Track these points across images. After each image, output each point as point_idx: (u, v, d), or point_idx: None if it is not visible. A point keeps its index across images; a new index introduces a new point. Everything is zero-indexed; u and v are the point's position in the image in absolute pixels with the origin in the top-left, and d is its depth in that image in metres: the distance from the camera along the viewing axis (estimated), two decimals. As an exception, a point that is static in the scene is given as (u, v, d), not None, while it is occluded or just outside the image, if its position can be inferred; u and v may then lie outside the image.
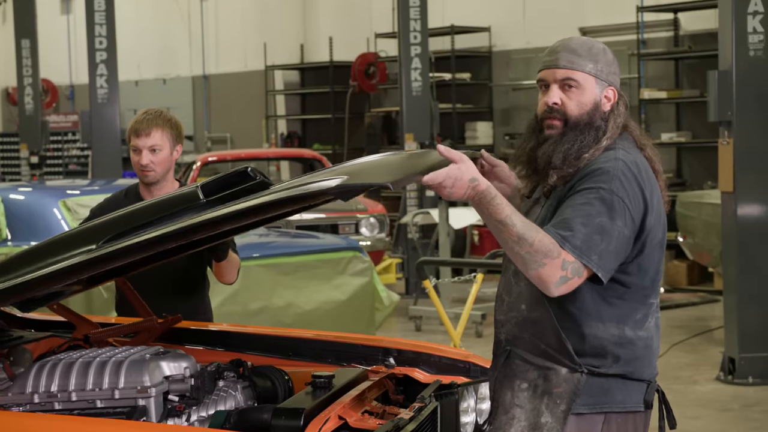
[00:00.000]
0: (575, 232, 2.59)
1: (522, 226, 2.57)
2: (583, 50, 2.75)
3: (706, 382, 7.41)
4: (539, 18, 13.61)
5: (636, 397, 2.72)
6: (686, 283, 11.55)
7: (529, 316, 2.74)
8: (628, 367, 2.70)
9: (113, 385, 2.88)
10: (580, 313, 2.68)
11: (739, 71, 7.28)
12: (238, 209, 2.55)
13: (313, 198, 2.49)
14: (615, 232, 2.61)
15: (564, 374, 2.69)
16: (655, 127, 12.28)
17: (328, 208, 10.61)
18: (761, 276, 7.38)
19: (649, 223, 2.68)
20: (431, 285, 7.05)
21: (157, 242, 2.61)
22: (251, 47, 17.27)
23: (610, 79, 2.77)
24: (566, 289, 2.59)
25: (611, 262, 2.61)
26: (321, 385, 2.94)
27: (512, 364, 2.77)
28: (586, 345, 2.68)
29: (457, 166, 2.58)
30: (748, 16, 7.27)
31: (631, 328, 2.71)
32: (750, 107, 7.31)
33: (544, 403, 2.70)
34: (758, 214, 7.38)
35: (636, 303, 2.72)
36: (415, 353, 3.37)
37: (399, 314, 9.81)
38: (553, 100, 2.76)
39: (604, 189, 2.63)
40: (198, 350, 3.51)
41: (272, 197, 2.53)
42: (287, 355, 3.48)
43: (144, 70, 18.90)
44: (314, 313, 6.85)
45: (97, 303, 6.05)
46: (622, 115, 2.78)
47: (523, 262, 2.57)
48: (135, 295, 3.61)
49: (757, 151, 7.34)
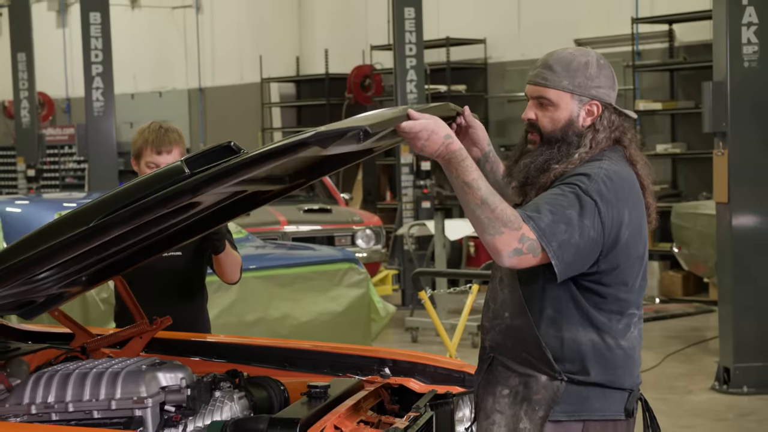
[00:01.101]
0: (542, 215, 2.60)
1: (487, 191, 2.58)
2: (559, 66, 2.73)
3: (701, 392, 7.42)
4: (534, 30, 13.66)
5: (616, 406, 2.73)
6: (681, 294, 11.56)
7: (511, 324, 2.76)
8: (608, 376, 2.71)
9: (110, 395, 2.89)
10: (561, 318, 2.69)
11: (733, 82, 7.30)
12: (220, 169, 2.51)
13: (293, 150, 2.45)
14: (581, 229, 2.59)
15: (543, 381, 2.71)
16: (650, 139, 12.31)
17: (325, 220, 10.63)
18: (756, 286, 7.40)
19: (623, 235, 2.67)
20: (427, 296, 7.07)
21: (144, 210, 2.58)
22: (247, 60, 17.31)
23: (592, 93, 2.74)
24: (517, 263, 2.58)
25: (569, 256, 2.59)
26: (317, 395, 2.94)
27: (495, 370, 2.80)
28: (565, 350, 2.69)
29: (434, 120, 2.60)
30: (742, 28, 7.30)
31: (612, 337, 2.71)
32: (745, 118, 7.33)
33: (523, 410, 2.72)
34: (753, 225, 7.40)
35: (616, 314, 2.72)
36: (411, 363, 3.38)
37: (395, 325, 9.81)
38: (528, 116, 2.79)
39: (580, 187, 2.64)
40: (194, 361, 3.52)
41: (253, 154, 2.51)
42: (283, 366, 3.48)
43: (140, 83, 18.93)
44: (311, 325, 6.86)
45: (94, 315, 6.06)
46: (608, 129, 2.75)
47: (482, 226, 2.57)
48: (131, 296, 3.61)
49: (751, 162, 7.36)
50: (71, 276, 3.16)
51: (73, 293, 3.42)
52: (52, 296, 3.34)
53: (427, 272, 9.35)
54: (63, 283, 3.18)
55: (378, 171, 15.29)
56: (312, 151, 2.54)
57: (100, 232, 2.61)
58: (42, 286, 3.12)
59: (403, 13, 11.79)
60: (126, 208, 2.59)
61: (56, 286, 3.20)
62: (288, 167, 2.98)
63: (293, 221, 10.33)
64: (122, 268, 3.40)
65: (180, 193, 2.55)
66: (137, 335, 3.53)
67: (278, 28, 17.18)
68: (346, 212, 11.14)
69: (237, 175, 2.54)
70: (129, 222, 2.61)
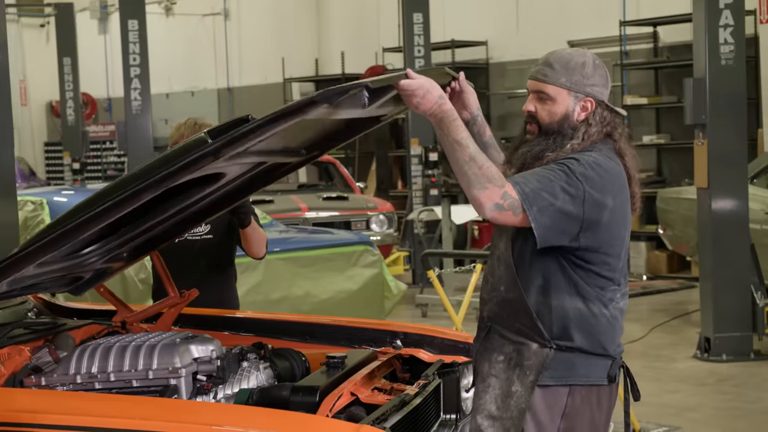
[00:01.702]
0: (528, 182, 2.60)
1: (475, 150, 2.59)
2: (559, 64, 2.73)
3: (684, 360, 7.40)
4: (532, 32, 13.59)
5: (599, 372, 2.72)
6: (666, 271, 11.53)
7: (506, 297, 2.76)
8: (591, 341, 2.70)
9: (147, 366, 2.90)
10: (550, 287, 2.69)
11: (712, 78, 7.26)
12: (237, 133, 2.50)
13: (303, 109, 2.43)
14: (562, 201, 2.59)
15: (534, 349, 2.70)
16: (637, 131, 12.25)
17: (342, 207, 10.62)
18: (734, 264, 7.37)
19: (604, 217, 2.65)
20: (435, 275, 7.06)
21: (170, 177, 2.56)
22: (271, 62, 17.29)
23: (587, 91, 2.73)
24: (498, 217, 2.58)
25: (547, 220, 2.59)
26: (335, 365, 2.95)
27: (491, 338, 2.80)
28: (553, 316, 2.68)
29: (430, 81, 2.60)
30: (719, 29, 7.25)
31: (596, 306, 2.70)
32: (722, 111, 7.29)
33: (515, 374, 2.72)
34: (731, 208, 7.36)
35: (599, 288, 2.71)
36: (420, 335, 3.38)
37: (407, 302, 9.81)
38: (528, 109, 2.78)
39: (568, 167, 2.65)
40: (224, 335, 3.53)
41: (267, 116, 2.49)
42: (304, 339, 3.49)
43: (174, 84, 18.93)
44: (329, 302, 6.87)
45: (133, 294, 6.08)
46: (600, 124, 2.74)
47: (468, 181, 2.57)
48: (166, 271, 3.59)
49: (729, 151, 7.32)
50: (113, 251, 3.16)
51: (116, 269, 3.42)
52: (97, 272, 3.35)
53: (435, 253, 9.33)
54: (106, 257, 3.18)
55: (390, 162, 15.27)
56: (321, 113, 2.52)
57: (135, 195, 2.60)
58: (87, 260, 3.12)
59: (412, 17, 11.74)
60: (154, 177, 2.57)
61: (100, 261, 3.19)
62: (303, 139, 2.96)
63: (313, 208, 10.33)
64: (159, 243, 3.40)
65: (203, 156, 2.53)
66: (169, 307, 3.53)
67: (299, 32, 17.14)
68: (362, 199, 11.13)
69: (254, 136, 2.50)
70: (159, 185, 2.58)
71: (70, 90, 15.08)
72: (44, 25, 20.55)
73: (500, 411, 2.71)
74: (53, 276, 3.13)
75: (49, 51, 18.35)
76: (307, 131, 2.89)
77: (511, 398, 2.71)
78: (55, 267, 3.03)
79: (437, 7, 13.19)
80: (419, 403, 2.85)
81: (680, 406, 6.18)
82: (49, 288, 3.33)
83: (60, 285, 3.33)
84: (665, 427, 5.67)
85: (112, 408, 2.62)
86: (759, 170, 8.53)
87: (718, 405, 6.25)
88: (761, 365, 7.14)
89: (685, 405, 6.21)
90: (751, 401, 6.31)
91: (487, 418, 2.73)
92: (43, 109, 20.95)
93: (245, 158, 2.80)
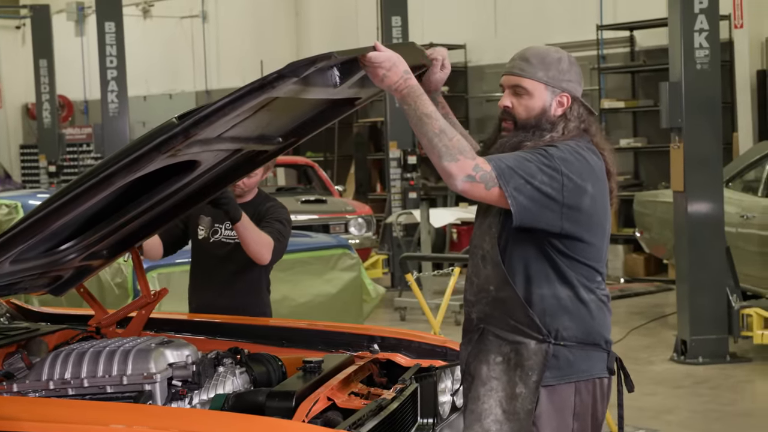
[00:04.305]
0: (504, 161, 2.59)
1: (444, 123, 2.58)
2: (536, 59, 2.72)
3: (661, 363, 7.43)
4: (510, 36, 13.61)
5: (599, 366, 2.72)
6: (644, 274, 11.57)
7: (497, 296, 2.73)
8: (586, 329, 2.69)
9: (122, 372, 2.87)
10: (540, 276, 2.68)
11: (687, 82, 7.30)
12: (205, 111, 2.46)
13: (271, 83, 2.40)
14: (540, 182, 2.58)
15: (533, 347, 2.68)
16: (614, 134, 12.30)
17: (321, 210, 10.59)
18: (710, 267, 7.40)
19: (584, 203, 2.64)
20: (413, 278, 7.05)
21: (140, 160, 2.52)
22: (249, 64, 17.24)
23: (564, 86, 2.72)
24: (469, 188, 2.56)
25: (525, 200, 2.57)
26: (311, 369, 2.94)
27: (486, 340, 2.76)
28: (546, 305, 2.67)
29: (397, 56, 2.58)
30: (694, 34, 7.29)
31: (585, 292, 2.70)
32: (698, 114, 7.33)
33: (517, 375, 2.69)
34: (706, 211, 7.40)
35: (586, 278, 2.71)
36: (397, 340, 3.38)
37: (385, 306, 9.79)
38: (504, 104, 2.77)
39: (547, 151, 2.64)
40: (200, 339, 3.50)
41: (234, 93, 2.46)
42: (280, 343, 3.47)
43: (151, 86, 18.84)
44: (308, 305, 6.84)
45: (109, 298, 6.03)
46: (578, 120, 2.73)
47: (438, 153, 2.55)
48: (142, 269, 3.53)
49: (704, 154, 7.35)
50: (91, 247, 3.12)
51: (96, 267, 3.38)
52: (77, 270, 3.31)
53: (414, 257, 9.33)
54: (85, 254, 3.14)
55: (369, 165, 15.26)
56: (291, 90, 2.49)
57: (106, 180, 2.56)
58: (65, 257, 3.08)
59: (391, 21, 11.74)
60: (127, 157, 2.54)
61: (79, 258, 3.15)
62: (279, 125, 2.94)
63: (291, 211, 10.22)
64: (138, 239, 3.37)
65: (172, 137, 2.50)
66: (141, 308, 3.49)
67: (277, 34, 17.11)
68: (340, 203, 11.11)
69: (223, 114, 2.46)
70: (130, 169, 2.55)
71: (46, 92, 14.97)
72: (20, 27, 20.39)
73: (507, 414, 2.69)
74: (32, 274, 3.09)
75: (25, 53, 18.22)
76: (282, 116, 2.87)
77: (516, 400, 2.69)
78: (33, 264, 2.99)
79: (416, 10, 13.20)
80: (396, 408, 2.84)
81: (657, 408, 6.20)
82: (29, 288, 3.30)
83: (40, 285, 3.30)
84: (642, 429, 5.69)
85: (86, 414, 2.59)
86: (734, 173, 8.57)
87: (694, 408, 6.27)
88: (737, 367, 7.18)
89: (662, 407, 6.24)
90: (727, 403, 6.34)
91: (494, 423, 2.70)
92: (19, 111, 20.78)
93: (219, 145, 2.77)
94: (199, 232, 4.06)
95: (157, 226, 3.34)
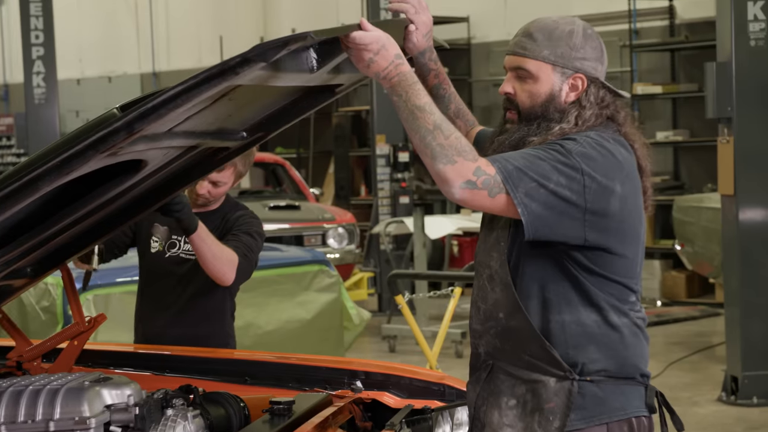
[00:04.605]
0: (511, 160, 2.57)
1: (440, 117, 2.56)
2: (541, 34, 2.71)
3: (707, 404, 7.46)
4: (522, 6, 13.68)
5: (636, 402, 2.70)
6: (685, 296, 11.63)
7: (508, 325, 2.71)
8: (618, 360, 2.67)
9: (48, 416, 2.85)
10: (560, 300, 2.66)
11: (738, 63, 7.33)
12: (153, 102, 2.44)
13: (234, 69, 2.37)
14: (556, 184, 2.56)
15: (553, 386, 2.67)
16: (649, 125, 12.36)
17: (293, 218, 10.61)
18: (766, 286, 7.43)
19: (613, 206, 2.62)
20: (405, 301, 7.07)
21: (74, 160, 2.51)
22: (206, 41, 17.26)
23: (577, 65, 2.70)
24: (469, 197, 2.55)
25: (538, 207, 2.55)
26: (280, 412, 2.93)
27: (496, 379, 2.75)
28: (568, 335, 2.65)
29: (387, 36, 2.58)
30: (748, 3, 7.33)
31: (615, 315, 2.68)
32: (751, 102, 7.36)
33: (536, 421, 2.68)
34: (762, 219, 7.42)
35: (617, 299, 2.68)
36: (385, 375, 3.38)
37: (371, 333, 9.81)
38: (505, 90, 2.78)
39: (563, 146, 2.61)
40: (144, 376, 3.50)
41: (188, 80, 2.41)
42: (243, 380, 3.47)
43: (87, 67, 18.84)
44: (276, 334, 6.85)
45: (33, 326, 6.02)
46: (597, 106, 2.71)
47: (432, 154, 2.54)
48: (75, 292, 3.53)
49: (759, 150, 7.39)
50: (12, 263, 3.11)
51: (17, 287, 3.38)
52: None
53: (406, 274, 9.35)
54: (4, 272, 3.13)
55: (351, 163, 15.28)
56: (258, 77, 2.48)
57: (31, 184, 2.54)
58: None
59: (378, -11, 11.78)
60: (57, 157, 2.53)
61: None
62: (242, 117, 2.94)
63: (258, 219, 10.30)
64: (69, 254, 3.36)
65: (113, 133, 2.48)
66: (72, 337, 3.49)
67: (240, 5, 17.14)
68: (316, 209, 11.13)
69: (175, 106, 2.45)
70: (60, 171, 2.53)
71: (-44, 74, 14.96)
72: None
73: None
74: None
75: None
76: (246, 106, 2.86)
77: None
78: None
79: (408, -25, 13.26)
80: (383, 459, 2.85)
81: (702, 459, 6.24)
82: None
83: None
84: (684, 484, 5.71)
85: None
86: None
87: (747, 458, 6.31)
88: (799, 409, 7.23)
89: (707, 458, 6.27)
90: (787, 453, 6.38)
91: None
92: (-75, 97, 20.79)
93: (170, 141, 2.76)
94: (153, 245, 4.06)
95: (93, 239, 3.34)
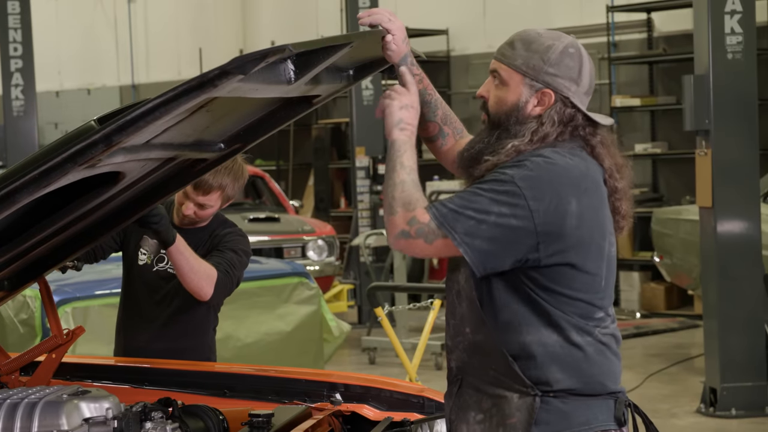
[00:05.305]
0: (447, 204, 2.61)
1: (411, 179, 2.65)
2: (521, 44, 2.71)
3: (685, 415, 7.47)
4: (501, 19, 13.72)
5: (603, 416, 2.67)
6: (664, 308, 11.65)
7: (474, 340, 2.71)
8: (583, 379, 2.65)
9: (26, 429, 2.83)
10: (518, 320, 2.64)
11: (716, 75, 7.35)
12: (132, 115, 2.44)
13: (212, 82, 2.38)
14: (497, 216, 2.56)
15: (516, 402, 2.66)
16: (628, 138, 12.40)
17: (272, 230, 10.60)
18: (744, 298, 7.44)
19: (569, 225, 2.59)
20: (384, 313, 7.07)
21: (51, 173, 2.50)
22: (185, 53, 17.23)
23: (546, 79, 2.68)
24: (405, 246, 2.62)
25: (482, 243, 2.56)
26: (258, 425, 2.93)
27: (465, 393, 2.75)
28: (529, 355, 2.64)
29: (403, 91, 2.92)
30: (725, 16, 7.35)
31: (578, 335, 2.65)
32: (729, 114, 7.38)
33: None
34: (739, 231, 7.43)
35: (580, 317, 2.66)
36: (364, 388, 3.38)
37: (351, 346, 9.80)
38: (480, 92, 2.78)
39: (502, 173, 2.62)
40: (123, 389, 3.49)
41: (166, 93, 2.42)
42: (222, 393, 3.46)
43: (65, 79, 18.78)
44: (255, 346, 6.84)
45: (11, 338, 5.99)
46: (559, 124, 2.67)
47: (388, 205, 2.64)
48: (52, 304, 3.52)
49: (737, 163, 7.41)
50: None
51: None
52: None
53: (385, 287, 9.35)
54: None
55: (331, 176, 15.28)
56: (236, 89, 2.49)
57: (7, 198, 2.53)
58: None
59: (357, 1, 11.79)
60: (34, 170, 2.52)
61: None
62: (220, 128, 2.94)
63: (237, 232, 10.29)
64: (46, 267, 3.35)
65: (91, 146, 2.48)
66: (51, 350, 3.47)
67: (220, 17, 17.13)
68: (296, 221, 11.12)
69: (153, 119, 2.45)
70: (38, 184, 2.53)
71: (-66, 86, 14.88)
72: None
73: None
74: None
75: None
76: (224, 118, 2.87)
77: None
78: None
79: (388, -13, 13.29)
80: (363, 472, 2.84)
81: (681, 470, 6.24)
82: None
83: None
84: (663, 496, 5.72)
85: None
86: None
87: (726, 469, 6.32)
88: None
89: (686, 469, 6.28)
90: (766, 464, 6.39)
91: None
92: None
93: (148, 153, 2.76)
94: (140, 257, 4.05)
95: (71, 251, 3.33)
